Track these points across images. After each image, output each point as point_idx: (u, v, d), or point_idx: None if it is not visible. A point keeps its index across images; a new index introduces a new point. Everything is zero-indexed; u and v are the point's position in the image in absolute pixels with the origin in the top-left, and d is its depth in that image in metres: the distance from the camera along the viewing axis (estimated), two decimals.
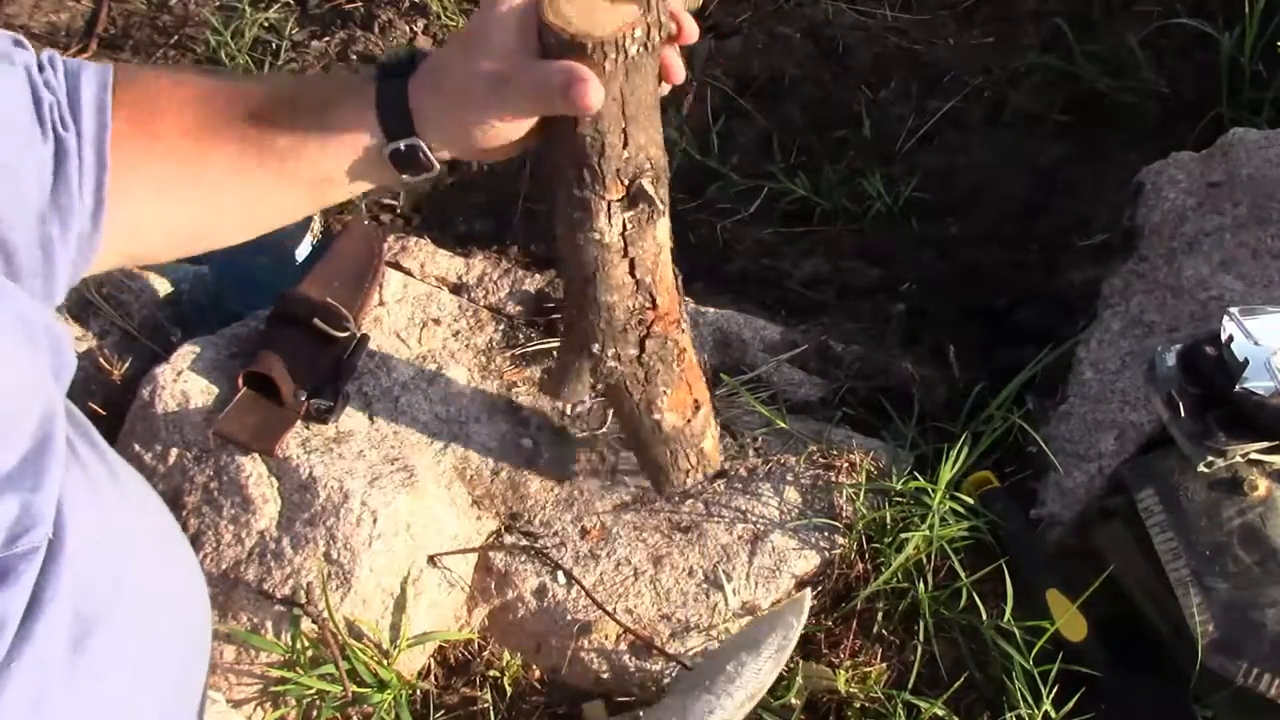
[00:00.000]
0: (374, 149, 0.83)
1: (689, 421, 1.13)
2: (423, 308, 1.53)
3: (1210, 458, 1.15)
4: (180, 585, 0.89)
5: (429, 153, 0.83)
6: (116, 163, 0.79)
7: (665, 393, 1.07)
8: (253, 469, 1.33)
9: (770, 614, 1.18)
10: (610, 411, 1.41)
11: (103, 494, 0.79)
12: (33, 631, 0.67)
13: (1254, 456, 1.17)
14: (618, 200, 0.87)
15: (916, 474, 1.33)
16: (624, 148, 0.84)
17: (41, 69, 0.77)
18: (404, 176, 0.85)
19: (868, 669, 1.25)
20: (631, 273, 0.94)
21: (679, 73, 0.85)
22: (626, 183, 0.86)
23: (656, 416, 1.10)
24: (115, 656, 0.74)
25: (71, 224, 0.76)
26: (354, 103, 0.83)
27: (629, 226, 0.90)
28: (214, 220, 0.87)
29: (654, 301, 0.98)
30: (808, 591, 1.18)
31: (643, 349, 1.01)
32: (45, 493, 0.68)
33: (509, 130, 0.82)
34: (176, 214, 0.84)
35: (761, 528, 1.31)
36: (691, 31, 0.84)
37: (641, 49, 0.79)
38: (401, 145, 0.82)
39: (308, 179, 0.85)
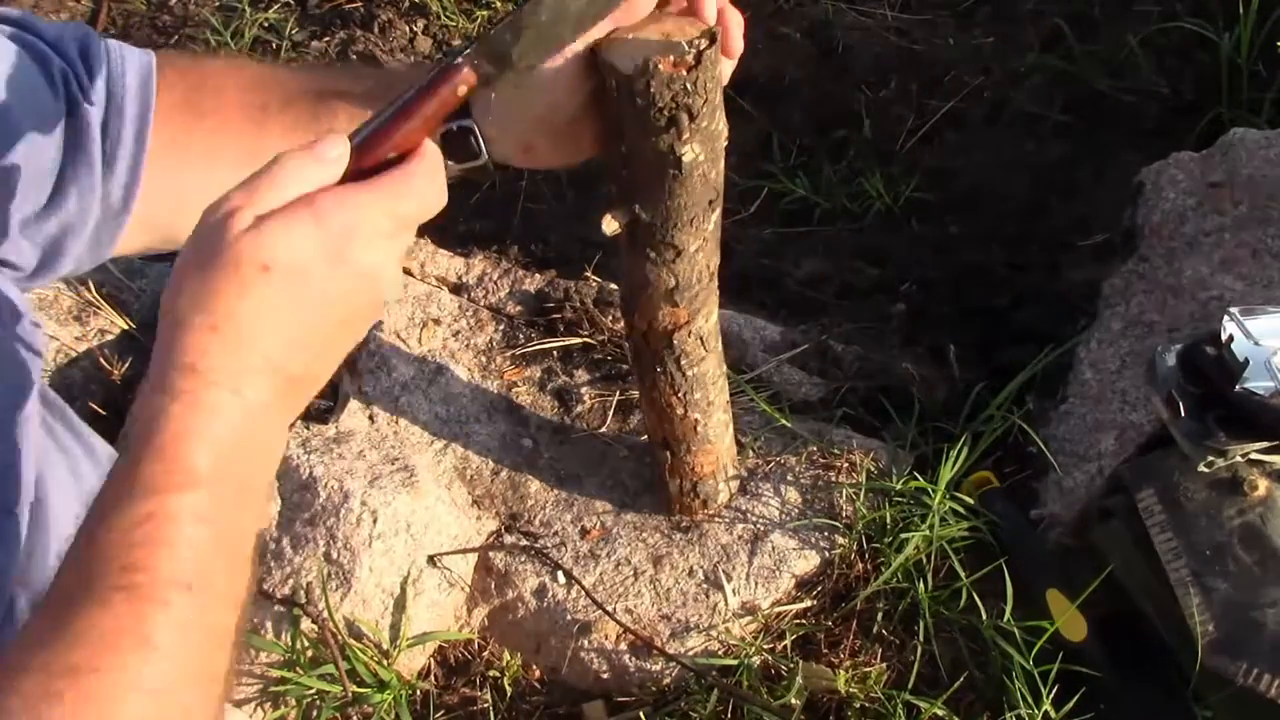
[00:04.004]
0: None
1: None
2: (423, 308, 1.53)
3: (1210, 458, 1.15)
4: None
5: (480, 139, 0.80)
6: (166, 137, 0.80)
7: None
8: None
9: None
10: (610, 410, 1.41)
11: (81, 470, 0.80)
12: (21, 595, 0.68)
13: (1254, 456, 1.17)
14: None
15: (916, 474, 1.33)
16: None
17: (58, 41, 0.78)
18: (450, 163, 0.80)
19: (868, 669, 1.25)
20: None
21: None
22: None
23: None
24: None
25: (91, 198, 0.77)
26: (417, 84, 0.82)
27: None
28: None
29: None
30: None
31: None
32: (24, 459, 0.69)
33: (565, 100, 0.82)
34: (226, 186, 0.85)
35: (761, 528, 1.31)
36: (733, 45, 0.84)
37: None
38: (454, 126, 0.79)
39: None
